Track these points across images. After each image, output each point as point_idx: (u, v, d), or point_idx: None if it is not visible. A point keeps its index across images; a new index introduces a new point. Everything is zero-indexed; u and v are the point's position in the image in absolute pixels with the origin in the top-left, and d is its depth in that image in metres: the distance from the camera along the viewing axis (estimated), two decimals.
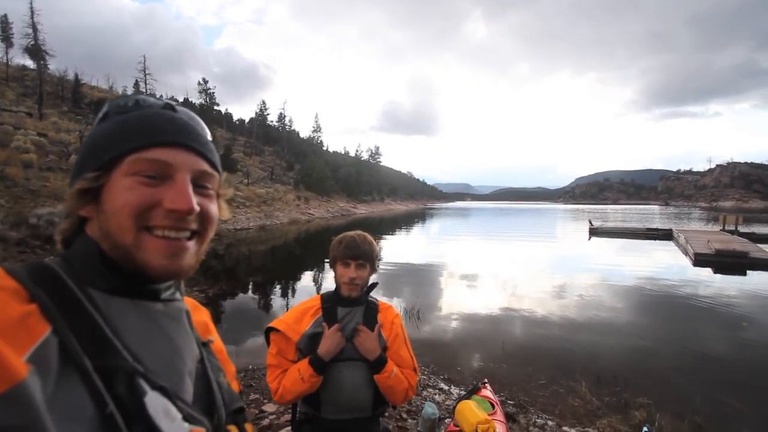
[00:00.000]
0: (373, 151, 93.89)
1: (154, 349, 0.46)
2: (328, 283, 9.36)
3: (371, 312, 1.41)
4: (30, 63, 35.81)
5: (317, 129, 78.77)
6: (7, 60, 39.31)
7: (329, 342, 1.30)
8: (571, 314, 6.70)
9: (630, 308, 7.25)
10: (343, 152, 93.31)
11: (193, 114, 0.54)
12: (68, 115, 31.84)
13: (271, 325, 1.38)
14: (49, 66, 35.57)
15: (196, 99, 52.55)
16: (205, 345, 0.58)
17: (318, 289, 8.67)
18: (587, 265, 12.58)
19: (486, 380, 3.30)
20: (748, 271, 10.75)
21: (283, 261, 13.25)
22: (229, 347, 5.01)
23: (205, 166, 0.51)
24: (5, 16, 39.29)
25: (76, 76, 40.14)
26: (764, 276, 10.28)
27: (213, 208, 0.52)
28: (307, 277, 10.49)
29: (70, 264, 0.46)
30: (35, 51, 30.48)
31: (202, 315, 0.64)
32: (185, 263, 0.49)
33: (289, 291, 8.74)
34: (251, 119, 68.74)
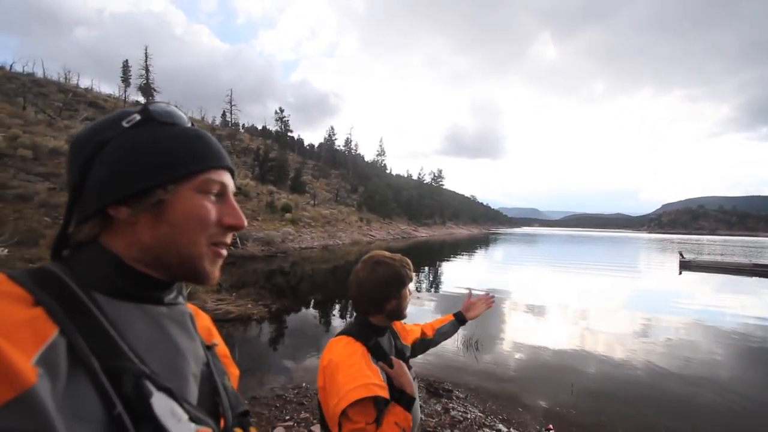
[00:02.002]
0: (436, 175, 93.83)
1: (158, 351, 0.47)
2: None
3: (392, 330, 1.37)
4: (141, 99, 42.19)
5: (381, 153, 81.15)
6: (125, 98, 46.66)
7: (408, 378, 1.17)
8: (657, 360, 5.86)
9: (733, 358, 6.15)
10: (405, 175, 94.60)
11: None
12: None
13: (354, 398, 1.05)
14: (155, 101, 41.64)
15: (273, 126, 57.46)
16: (209, 348, 0.59)
17: None
18: (677, 303, 11.02)
19: (551, 426, 2.98)
20: None
21: (344, 280, 13.52)
22: (287, 363, 5.18)
23: (233, 184, 0.57)
24: (126, 60, 47.02)
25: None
26: None
27: None
28: None
29: (72, 268, 0.46)
30: (146, 89, 35.84)
31: (204, 320, 0.65)
32: (219, 270, 0.55)
33: (348, 311, 8.86)
34: (320, 144, 73.25)
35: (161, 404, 0.41)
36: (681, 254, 22.05)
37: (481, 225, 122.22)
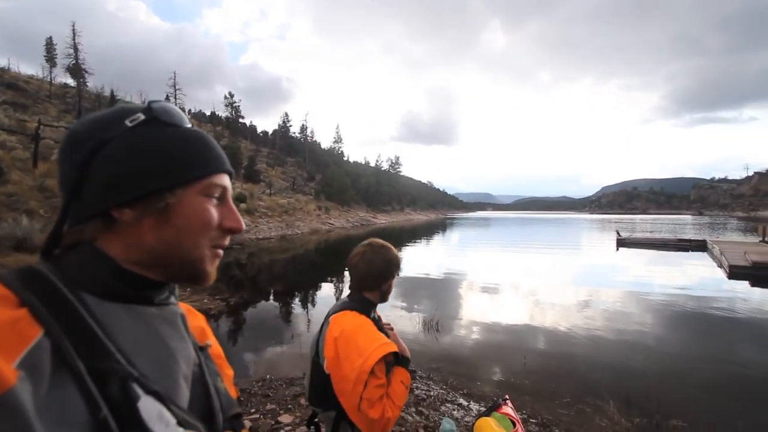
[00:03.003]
0: (393, 161, 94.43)
1: (147, 352, 0.46)
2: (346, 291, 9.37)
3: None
4: (71, 81, 38.17)
5: (338, 140, 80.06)
6: (51, 79, 41.96)
7: (403, 344, 1.37)
8: (598, 329, 6.43)
9: (661, 323, 6.90)
10: (363, 162, 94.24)
11: None
12: None
13: (383, 352, 1.20)
14: (87, 83, 37.77)
15: (222, 112, 54.50)
16: (202, 349, 0.58)
17: (338, 297, 8.68)
18: (615, 277, 12.09)
19: (507, 396, 3.18)
20: None
21: (304, 270, 13.37)
22: (249, 356, 5.08)
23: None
24: (50, 38, 42.11)
25: (112, 92, 42.51)
26: None
27: None
28: (326, 286, 10.54)
29: (61, 268, 0.45)
30: (76, 70, 32.46)
31: (198, 320, 0.64)
32: (216, 271, 0.56)
33: (309, 300, 8.79)
34: (274, 131, 70.72)
35: (148, 408, 0.40)
36: (618, 232, 24.04)
37: (438, 210, 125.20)
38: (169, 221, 0.48)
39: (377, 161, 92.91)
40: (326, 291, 9.77)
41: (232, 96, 55.35)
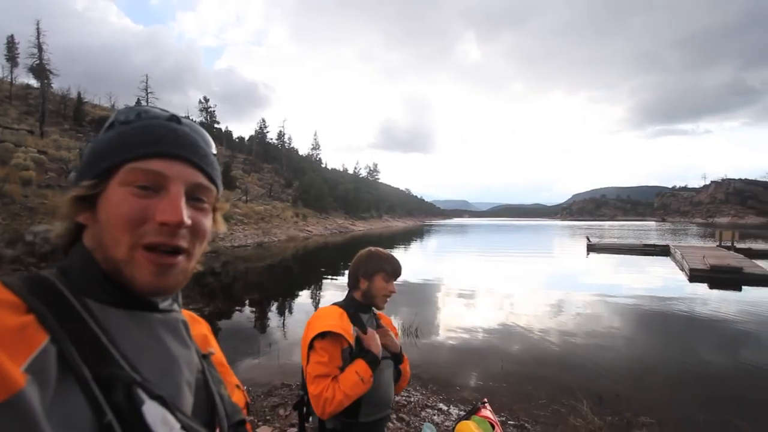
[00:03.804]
0: (372, 169, 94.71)
1: (151, 359, 0.46)
2: (326, 301, 9.29)
3: (377, 318, 1.57)
4: (34, 82, 36.34)
5: (316, 146, 79.68)
6: (12, 79, 39.81)
7: (377, 341, 1.39)
8: (570, 332, 6.63)
9: (628, 325, 7.20)
10: (341, 169, 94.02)
11: (197, 127, 0.54)
12: (69, 132, 32.11)
13: (322, 329, 1.33)
14: (52, 85, 36.06)
15: (197, 117, 53.19)
16: (205, 357, 0.58)
17: (316, 306, 8.59)
18: (585, 281, 12.53)
19: (486, 400, 3.23)
20: (743, 287, 10.73)
21: (281, 278, 13.15)
22: None
23: (201, 179, 0.51)
24: (12, 36, 40.05)
25: (79, 94, 40.68)
26: (759, 291, 10.27)
27: (206, 222, 0.51)
28: (305, 293, 10.40)
29: (67, 275, 0.46)
30: (39, 70, 30.94)
31: (201, 328, 0.63)
32: (173, 281, 0.48)
33: (286, 309, 8.65)
34: (251, 137, 69.54)
35: (153, 413, 0.40)
36: (588, 238, 24.93)
37: (416, 217, 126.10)
38: (96, 217, 0.46)
39: (355, 168, 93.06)
40: (304, 299, 9.64)
41: (207, 100, 54.17)
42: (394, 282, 1.53)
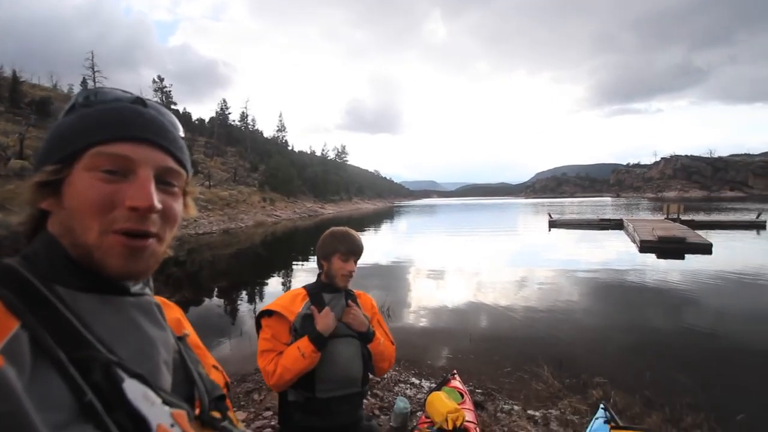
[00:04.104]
0: (340, 150, 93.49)
1: (127, 340, 0.46)
2: (298, 284, 9.25)
3: (351, 297, 1.56)
4: None
5: (282, 128, 77.34)
6: None
7: (326, 319, 1.40)
8: (533, 303, 7.02)
9: (585, 295, 7.71)
10: (309, 152, 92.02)
11: (164, 109, 0.53)
12: (5, 116, 29.19)
13: (265, 308, 1.44)
14: None
15: (152, 98, 49.83)
16: (180, 339, 0.58)
17: (286, 290, 8.54)
18: (547, 257, 13.20)
19: (455, 371, 3.41)
20: (686, 255, 11.70)
21: (249, 265, 12.91)
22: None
23: (171, 163, 0.50)
24: None
25: (14, 73, 36.89)
26: (699, 259, 11.25)
27: (176, 206, 0.51)
28: (275, 280, 10.29)
29: (32, 262, 0.45)
30: None
31: (174, 312, 0.63)
32: (144, 264, 0.48)
33: (256, 296, 8.55)
34: (211, 119, 66.24)
35: (134, 389, 0.40)
36: (550, 215, 26.12)
37: (385, 199, 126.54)
38: (62, 203, 0.45)
39: (323, 150, 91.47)
40: (274, 285, 9.55)
41: (161, 80, 50.92)
42: (356, 260, 1.53)
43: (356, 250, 1.51)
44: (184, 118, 64.71)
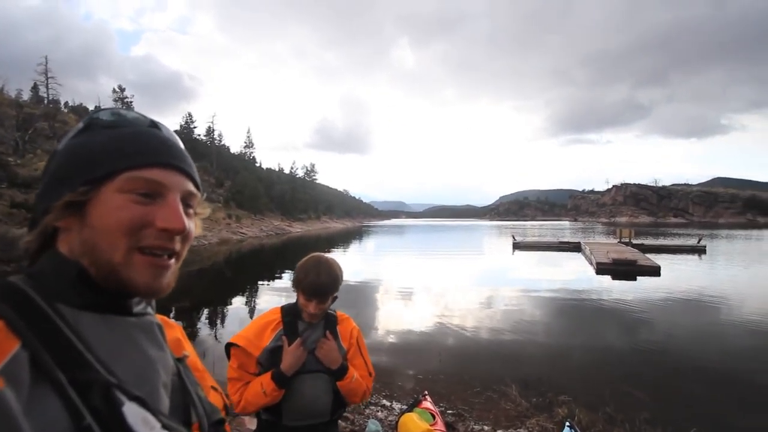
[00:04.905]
0: (309, 169, 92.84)
1: (127, 362, 0.46)
2: (262, 308, 8.96)
3: (331, 324, 1.47)
4: None
5: (249, 144, 75.99)
6: None
7: (291, 358, 1.34)
8: (499, 323, 7.18)
9: (548, 315, 7.99)
10: (277, 169, 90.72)
11: (173, 133, 0.56)
12: None
13: (231, 340, 1.40)
14: None
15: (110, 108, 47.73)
16: (180, 360, 0.58)
17: (251, 314, 8.23)
18: (511, 277, 13.64)
19: (426, 392, 3.40)
20: (638, 277, 12.47)
21: (212, 284, 12.35)
22: None
23: (191, 187, 0.53)
24: None
25: None
26: (649, 280, 12.01)
27: (193, 227, 0.54)
28: (238, 300, 9.90)
29: (37, 281, 0.45)
30: None
31: (174, 332, 0.63)
32: (166, 282, 0.50)
33: (218, 316, 8.17)
34: (175, 132, 64.05)
35: (133, 413, 0.40)
36: (513, 237, 27.05)
37: (354, 218, 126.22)
38: (86, 222, 0.46)
39: (292, 168, 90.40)
40: (238, 305, 9.19)
41: (122, 90, 48.96)
42: (322, 301, 1.38)
43: (319, 292, 1.36)
44: None
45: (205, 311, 8.52)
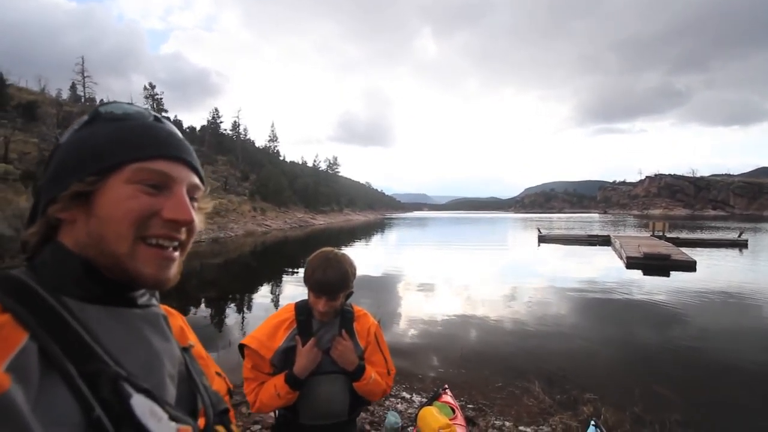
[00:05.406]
0: (332, 162, 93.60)
1: (133, 353, 0.46)
2: (286, 298, 9.16)
3: (347, 322, 1.41)
4: None
5: (273, 138, 77.26)
6: None
7: (304, 360, 1.29)
8: (522, 318, 7.04)
9: (574, 310, 7.77)
10: (300, 162, 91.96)
11: (175, 128, 0.57)
12: None
13: (243, 342, 1.36)
14: None
15: (142, 104, 49.64)
16: (186, 350, 0.58)
17: (276, 305, 8.43)
18: (537, 270, 13.31)
19: (446, 386, 3.38)
20: (671, 273, 11.90)
21: (238, 275, 12.73)
22: None
23: (196, 180, 0.54)
24: None
25: (1, 75, 36.33)
26: (684, 276, 11.45)
27: (197, 219, 0.54)
28: (264, 290, 10.16)
29: (39, 273, 0.45)
30: None
31: (177, 320, 0.64)
32: (171, 273, 0.51)
33: (245, 306, 8.41)
34: (203, 127, 65.95)
35: (141, 405, 0.41)
36: (539, 230, 26.40)
37: (376, 211, 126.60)
38: (93, 212, 0.46)
39: (315, 161, 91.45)
40: (263, 295, 9.43)
41: (153, 87, 50.59)
42: (331, 299, 1.32)
43: (325, 290, 1.30)
44: (176, 125, 64.15)
45: (232, 302, 8.80)
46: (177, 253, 0.51)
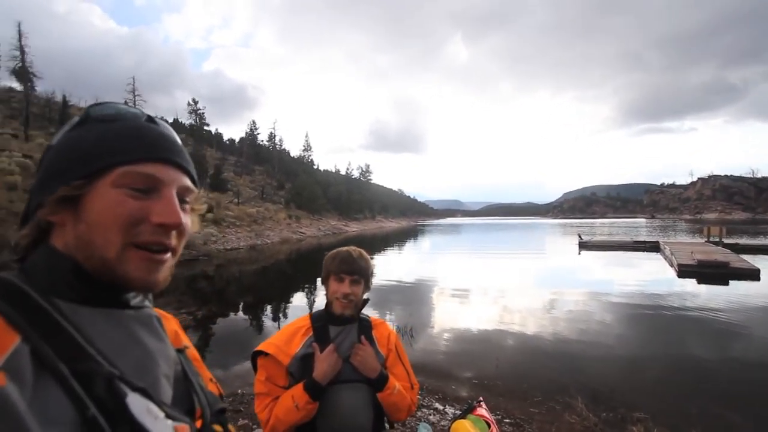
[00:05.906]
0: (364, 169, 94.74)
1: (127, 354, 0.46)
2: (321, 302, 9.25)
3: (365, 329, 1.36)
4: (16, 85, 35.59)
5: (307, 148, 79.42)
6: None
7: (325, 364, 1.22)
8: (563, 329, 6.69)
9: (620, 321, 7.28)
10: (333, 171, 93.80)
11: (170, 127, 0.55)
12: None
13: (258, 348, 1.28)
14: (36, 88, 35.43)
15: (186, 119, 52.80)
16: (180, 351, 0.58)
17: (311, 309, 8.56)
18: (578, 279, 12.66)
19: (482, 398, 3.24)
20: (730, 281, 10.92)
21: (275, 281, 13.07)
22: (218, 372, 4.89)
23: (187, 182, 0.53)
24: None
25: (64, 97, 40.02)
26: (745, 285, 10.46)
27: (189, 222, 0.53)
28: (298, 296, 10.34)
29: (30, 275, 0.45)
30: (22, 73, 30.36)
31: (171, 324, 0.63)
32: (161, 277, 0.50)
33: (281, 312, 8.59)
34: (241, 139, 69.14)
35: (137, 403, 0.40)
36: (580, 236, 25.18)
37: (409, 217, 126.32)
38: (81, 217, 0.46)
39: (347, 169, 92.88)
40: (298, 301, 9.59)
41: (195, 103, 53.68)
42: (356, 281, 1.30)
43: (348, 267, 1.28)
44: (216, 138, 67.85)
45: (268, 306, 9.03)
46: (167, 256, 0.50)
